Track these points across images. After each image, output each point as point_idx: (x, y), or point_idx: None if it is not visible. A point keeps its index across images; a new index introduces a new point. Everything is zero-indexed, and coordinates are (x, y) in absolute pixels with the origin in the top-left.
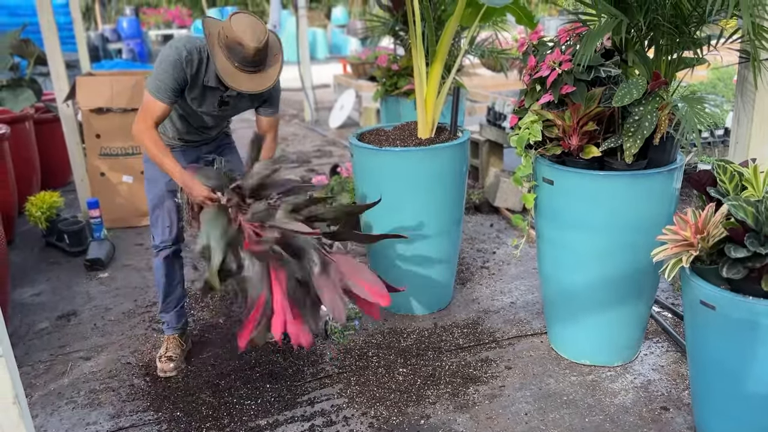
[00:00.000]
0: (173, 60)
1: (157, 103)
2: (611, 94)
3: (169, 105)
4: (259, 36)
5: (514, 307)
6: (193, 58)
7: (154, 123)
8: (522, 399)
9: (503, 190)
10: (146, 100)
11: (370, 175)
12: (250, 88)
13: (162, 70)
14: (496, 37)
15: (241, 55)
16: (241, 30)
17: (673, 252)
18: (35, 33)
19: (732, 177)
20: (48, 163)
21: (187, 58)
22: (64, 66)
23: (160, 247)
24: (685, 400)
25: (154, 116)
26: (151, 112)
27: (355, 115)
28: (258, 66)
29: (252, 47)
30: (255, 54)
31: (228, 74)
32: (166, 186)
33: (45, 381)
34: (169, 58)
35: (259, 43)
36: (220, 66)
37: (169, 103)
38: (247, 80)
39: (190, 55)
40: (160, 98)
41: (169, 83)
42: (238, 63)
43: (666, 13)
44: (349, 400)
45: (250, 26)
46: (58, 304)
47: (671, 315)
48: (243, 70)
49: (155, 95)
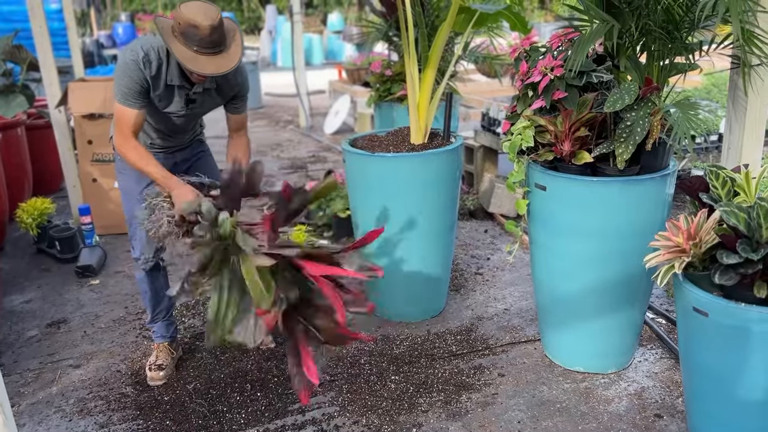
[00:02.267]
0: (130, 62)
1: (127, 110)
2: (603, 100)
3: (139, 109)
4: (211, 15)
5: (508, 313)
6: (151, 58)
7: (132, 132)
8: (515, 407)
9: (498, 195)
10: (116, 110)
11: (363, 180)
12: (213, 71)
13: (121, 75)
14: (491, 43)
15: (198, 37)
16: (193, 13)
17: (666, 258)
18: (28, 39)
19: (724, 183)
20: (40, 169)
21: (144, 58)
22: (56, 72)
23: (141, 260)
24: (678, 407)
25: (129, 125)
26: (125, 121)
27: (351, 121)
28: (218, 47)
29: (206, 25)
30: (211, 32)
31: (188, 59)
32: (139, 198)
33: (33, 389)
34: (126, 62)
35: (213, 21)
36: (179, 54)
37: (138, 107)
38: (208, 62)
39: (147, 56)
40: (129, 104)
41: (131, 86)
42: (196, 47)
43: (657, 18)
44: (340, 409)
45: (200, 8)
46: (49, 311)
47: (665, 321)
48: (203, 52)
49: (123, 102)
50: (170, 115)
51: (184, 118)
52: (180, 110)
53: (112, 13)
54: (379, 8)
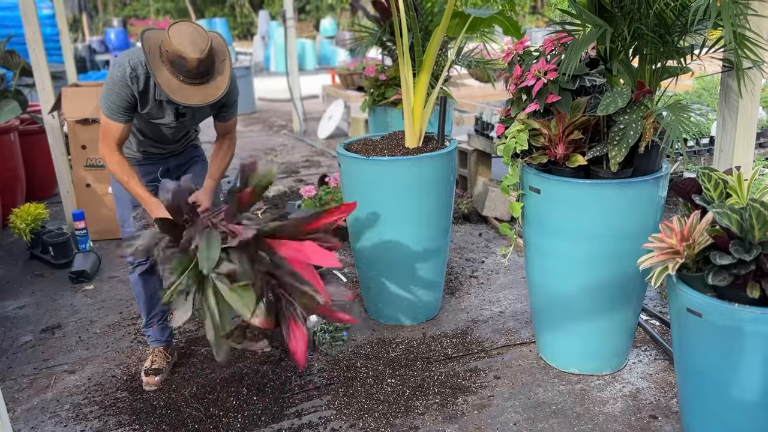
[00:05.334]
0: (117, 78)
1: (113, 124)
2: (596, 103)
3: (124, 123)
4: (200, 46)
5: (503, 316)
6: (139, 73)
7: (117, 144)
8: (511, 409)
9: (491, 199)
10: (102, 121)
11: (357, 184)
12: (200, 101)
13: (109, 90)
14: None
15: (185, 69)
16: (181, 43)
17: (659, 260)
18: (21, 44)
19: (717, 185)
20: (33, 174)
21: (132, 74)
22: (49, 77)
23: (134, 263)
24: (673, 408)
25: (114, 137)
26: (110, 134)
27: (344, 126)
28: (205, 76)
29: (194, 59)
30: (198, 65)
31: (174, 90)
32: (131, 202)
33: (28, 395)
34: (113, 77)
35: (201, 53)
36: (164, 84)
37: (124, 122)
38: (195, 93)
39: (135, 71)
40: (114, 118)
41: (118, 102)
42: (183, 77)
43: (650, 22)
44: (337, 412)
45: (189, 37)
46: (43, 317)
47: (659, 323)
48: (189, 83)
49: (109, 116)
50: (161, 126)
51: (175, 129)
52: (171, 122)
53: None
54: (372, 13)
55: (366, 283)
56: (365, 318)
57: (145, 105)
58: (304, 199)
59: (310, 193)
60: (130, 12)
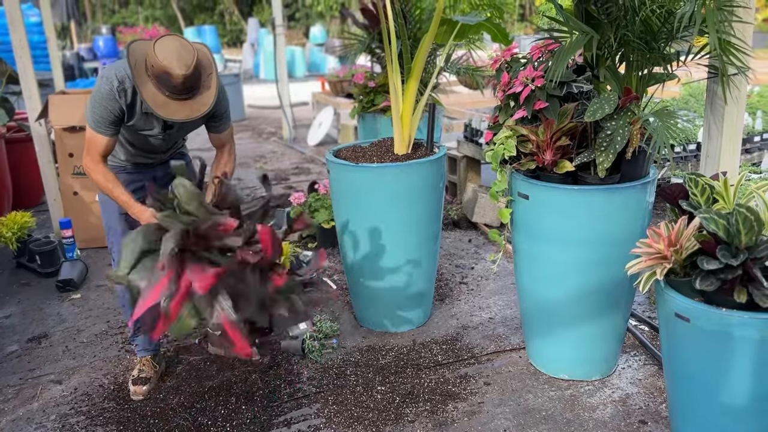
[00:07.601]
0: (105, 92)
1: (98, 137)
2: (583, 110)
3: (110, 137)
4: (186, 62)
5: (493, 322)
6: (126, 86)
7: (101, 157)
8: (501, 415)
9: (481, 205)
10: (88, 134)
11: (347, 191)
12: (185, 116)
13: (95, 103)
14: (470, 56)
15: (171, 85)
16: (167, 59)
17: (647, 265)
18: (8, 52)
19: (703, 190)
20: (20, 182)
21: (119, 87)
22: (36, 85)
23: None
24: (663, 413)
25: (99, 150)
26: (95, 147)
27: (334, 133)
28: (191, 92)
29: (180, 75)
30: (184, 81)
31: (159, 105)
32: (118, 209)
33: (14, 406)
34: (101, 90)
35: (187, 69)
36: (149, 99)
37: (110, 135)
38: (180, 108)
39: (122, 84)
40: (101, 132)
41: (104, 115)
42: (168, 92)
43: (636, 29)
44: (326, 420)
45: (175, 52)
46: (29, 326)
47: (648, 328)
48: (175, 98)
49: (95, 129)
50: (149, 138)
51: (163, 140)
52: (158, 134)
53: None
54: (361, 21)
55: (355, 290)
56: (354, 325)
57: (132, 117)
58: (293, 205)
59: (300, 199)
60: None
